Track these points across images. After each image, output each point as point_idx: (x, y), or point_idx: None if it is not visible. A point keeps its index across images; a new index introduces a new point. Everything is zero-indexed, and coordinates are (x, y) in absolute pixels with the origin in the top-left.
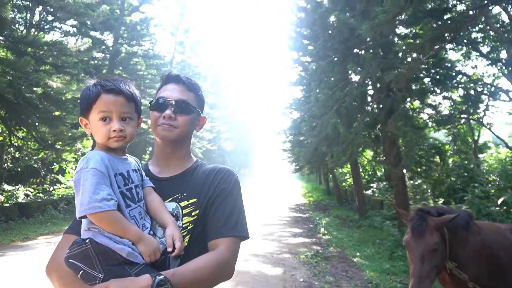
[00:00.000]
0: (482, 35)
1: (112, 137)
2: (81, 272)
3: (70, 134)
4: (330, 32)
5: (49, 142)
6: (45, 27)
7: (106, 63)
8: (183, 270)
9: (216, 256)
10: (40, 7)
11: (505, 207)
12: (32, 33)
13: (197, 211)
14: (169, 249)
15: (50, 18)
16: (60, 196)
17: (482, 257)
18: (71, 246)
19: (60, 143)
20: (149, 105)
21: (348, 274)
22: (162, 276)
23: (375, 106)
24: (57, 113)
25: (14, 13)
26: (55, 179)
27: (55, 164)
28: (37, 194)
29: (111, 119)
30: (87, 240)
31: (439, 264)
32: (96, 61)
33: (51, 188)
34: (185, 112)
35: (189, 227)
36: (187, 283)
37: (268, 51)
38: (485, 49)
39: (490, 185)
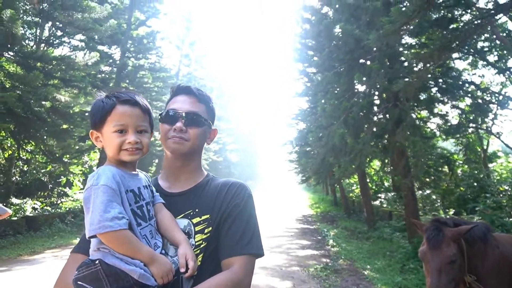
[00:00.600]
0: (489, 44)
1: (127, 149)
2: None
3: (77, 147)
4: (335, 43)
5: (57, 155)
6: (54, 42)
7: (113, 76)
8: None
9: (231, 276)
10: (50, 23)
11: None
12: (41, 48)
13: (210, 228)
14: (182, 270)
15: (59, 33)
16: (67, 209)
17: (501, 272)
18: (79, 267)
19: (68, 156)
20: (159, 117)
21: None
22: None
23: (382, 116)
24: (64, 126)
25: (24, 29)
26: (62, 192)
27: (62, 177)
28: (45, 207)
29: (126, 132)
30: (97, 261)
31: (457, 277)
32: (103, 75)
33: (59, 201)
34: (196, 124)
35: (202, 245)
36: None
37: (273, 62)
38: (492, 58)
39: (501, 195)
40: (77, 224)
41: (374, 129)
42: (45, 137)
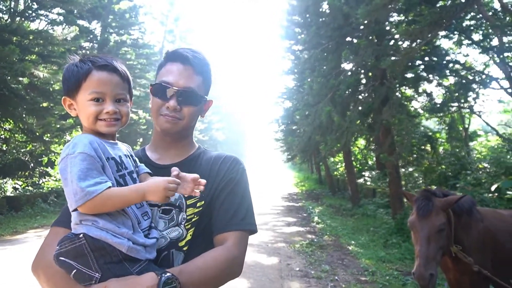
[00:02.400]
0: (474, 22)
1: (105, 119)
2: (74, 272)
3: (58, 125)
4: (323, 19)
5: (37, 134)
6: (30, 15)
7: (95, 53)
8: (190, 267)
9: (225, 252)
10: None
11: (497, 194)
12: (16, 22)
13: (203, 202)
14: (197, 194)
15: (35, 6)
16: (49, 189)
17: (486, 245)
18: (61, 242)
19: (48, 135)
20: (150, 87)
21: (344, 263)
22: (169, 274)
23: (369, 94)
24: (44, 104)
25: None
26: (44, 172)
27: (43, 156)
28: (26, 187)
29: (104, 100)
30: (81, 235)
31: (444, 246)
32: (84, 51)
33: (40, 181)
34: (192, 103)
35: (194, 219)
36: (194, 281)
37: (260, 40)
38: (477, 37)
39: (481, 172)
40: (60, 204)
41: (360, 107)
42: (24, 115)
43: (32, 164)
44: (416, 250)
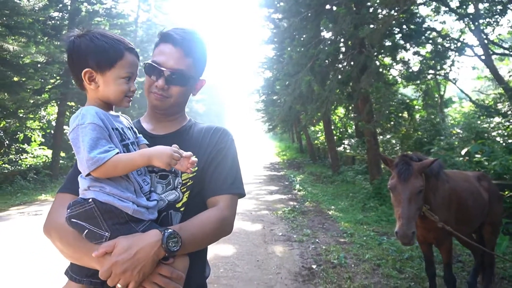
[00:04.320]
0: None
1: (129, 96)
2: (86, 231)
3: (32, 101)
4: None
5: (11, 110)
6: None
7: (66, 23)
8: (188, 225)
9: (218, 213)
10: None
11: (467, 157)
12: None
13: (196, 168)
14: (190, 171)
15: None
16: (28, 166)
17: (451, 203)
18: (71, 205)
19: (22, 110)
20: (143, 66)
21: (324, 226)
22: (171, 230)
23: (348, 63)
24: (15, 78)
25: None
26: (21, 149)
27: (19, 133)
28: (3, 165)
29: (129, 80)
30: (90, 200)
31: (421, 206)
32: (54, 21)
33: (18, 158)
34: (179, 83)
35: (188, 183)
36: (192, 237)
37: (239, 8)
38: (453, 4)
39: (454, 138)
40: (40, 181)
41: (340, 76)
42: None
43: (7, 141)
44: (397, 211)
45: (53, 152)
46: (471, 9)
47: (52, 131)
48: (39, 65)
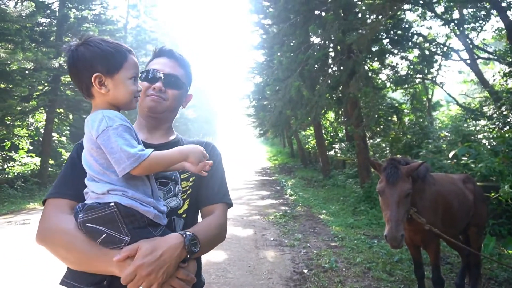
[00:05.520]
0: None
1: (136, 97)
2: (103, 236)
3: (20, 108)
4: None
5: None
6: None
7: (54, 30)
8: (199, 229)
9: (218, 220)
10: None
11: (455, 160)
12: None
13: (194, 177)
14: (205, 174)
15: None
16: (15, 174)
17: (438, 205)
18: (85, 210)
19: (10, 118)
20: (139, 76)
21: (315, 230)
22: (191, 233)
23: (337, 68)
24: (2, 85)
25: None
26: (8, 157)
27: (6, 140)
28: None
29: (135, 80)
30: (112, 204)
31: (409, 209)
32: (42, 28)
33: (5, 166)
34: (175, 87)
35: (188, 191)
36: (204, 240)
37: (229, 14)
38: (439, 10)
39: (442, 141)
40: (28, 189)
41: (329, 81)
42: None
43: None
44: (386, 214)
45: (41, 159)
46: (456, 14)
47: (41, 138)
48: (26, 72)
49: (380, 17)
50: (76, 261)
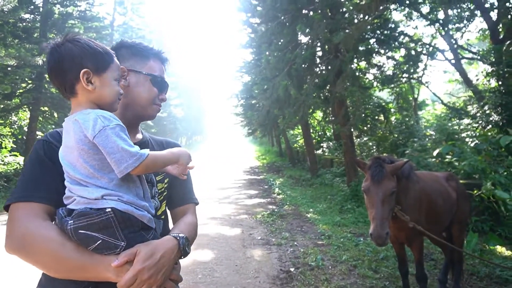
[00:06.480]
0: None
1: (119, 98)
2: (98, 243)
3: (2, 106)
4: None
5: None
6: None
7: (38, 26)
8: (184, 229)
9: (194, 219)
10: None
11: (440, 158)
12: None
13: (167, 179)
14: (184, 177)
15: None
16: None
17: (422, 203)
18: (76, 217)
19: None
20: (149, 77)
21: (302, 229)
22: (183, 235)
23: (324, 67)
24: None
25: None
26: None
27: None
28: None
29: (118, 82)
30: (108, 209)
31: (393, 207)
32: (25, 24)
33: None
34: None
35: (164, 193)
36: (191, 242)
37: (217, 12)
38: (425, 10)
39: (427, 139)
40: (11, 189)
41: (316, 80)
42: None
43: None
44: (371, 212)
45: (25, 158)
46: (441, 15)
47: (24, 137)
48: (9, 69)
49: (366, 17)
50: (63, 270)
